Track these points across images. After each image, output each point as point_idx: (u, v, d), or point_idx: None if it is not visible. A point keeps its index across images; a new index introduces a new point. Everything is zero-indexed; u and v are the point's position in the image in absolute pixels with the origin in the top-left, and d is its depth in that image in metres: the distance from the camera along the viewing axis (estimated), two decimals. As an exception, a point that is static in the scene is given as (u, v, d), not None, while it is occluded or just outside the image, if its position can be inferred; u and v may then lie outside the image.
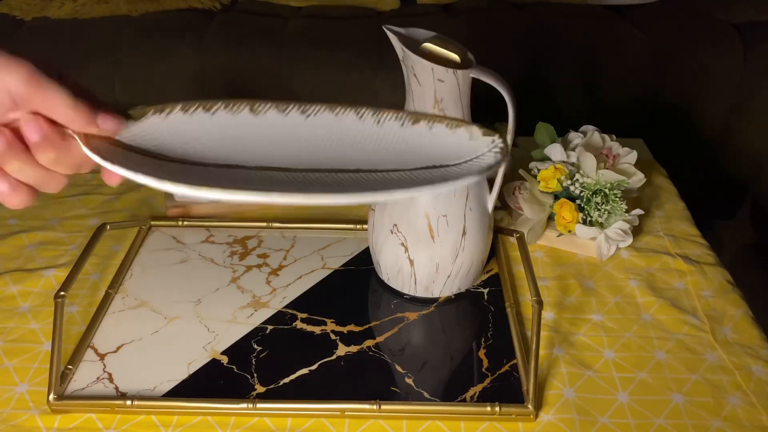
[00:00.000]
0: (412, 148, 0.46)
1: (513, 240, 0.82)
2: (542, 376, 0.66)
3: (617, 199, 0.81)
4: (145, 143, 0.44)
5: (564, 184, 0.82)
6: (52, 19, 1.56)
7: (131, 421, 0.61)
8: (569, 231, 0.82)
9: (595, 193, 0.81)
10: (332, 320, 0.72)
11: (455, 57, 0.63)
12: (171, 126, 0.45)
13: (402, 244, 0.71)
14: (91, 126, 0.42)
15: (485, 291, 0.77)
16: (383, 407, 0.61)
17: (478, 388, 0.64)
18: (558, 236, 0.84)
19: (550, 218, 0.84)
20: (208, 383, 0.65)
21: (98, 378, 0.65)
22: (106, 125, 0.42)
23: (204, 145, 0.44)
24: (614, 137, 0.89)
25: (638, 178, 0.86)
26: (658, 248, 0.84)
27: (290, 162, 0.43)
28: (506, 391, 0.64)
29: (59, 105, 0.40)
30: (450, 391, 0.64)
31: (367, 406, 0.61)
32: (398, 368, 0.66)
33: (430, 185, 0.40)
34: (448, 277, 0.73)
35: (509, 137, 0.69)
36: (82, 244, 0.82)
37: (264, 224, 0.86)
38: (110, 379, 0.65)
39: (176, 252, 0.82)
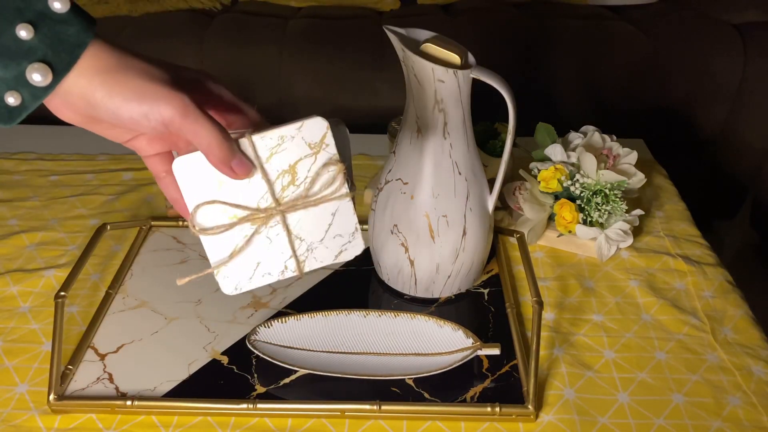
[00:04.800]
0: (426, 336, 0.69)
1: (513, 240, 0.82)
2: (542, 377, 0.66)
3: (617, 199, 0.81)
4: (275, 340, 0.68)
5: (564, 185, 0.82)
6: (52, 20, 1.56)
7: (131, 422, 0.61)
8: (569, 231, 0.82)
9: (595, 193, 0.81)
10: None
11: (455, 57, 0.63)
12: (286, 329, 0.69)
13: (402, 244, 0.71)
14: (227, 166, 0.47)
15: (485, 291, 0.77)
16: (383, 407, 0.61)
17: (479, 388, 0.64)
18: (558, 236, 0.84)
19: (551, 218, 0.84)
20: (208, 383, 0.65)
21: (98, 378, 0.65)
22: (239, 169, 0.47)
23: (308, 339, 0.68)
24: (614, 137, 0.89)
25: (638, 179, 0.86)
26: (659, 248, 0.84)
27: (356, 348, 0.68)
28: (506, 392, 0.64)
29: (205, 138, 0.45)
30: (450, 392, 0.64)
31: (367, 407, 0.61)
32: (398, 368, 0.66)
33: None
34: (449, 277, 0.73)
35: (509, 137, 0.69)
36: (82, 244, 0.82)
37: (264, 224, 0.86)
38: (110, 380, 0.65)
39: (176, 252, 0.82)
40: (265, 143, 0.48)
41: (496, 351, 0.66)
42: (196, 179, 0.49)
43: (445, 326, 0.68)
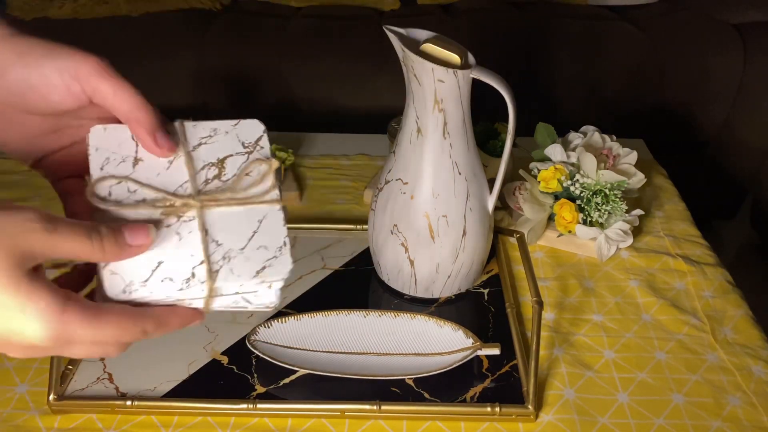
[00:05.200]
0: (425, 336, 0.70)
1: (513, 240, 0.82)
2: (542, 377, 0.66)
3: (617, 199, 0.81)
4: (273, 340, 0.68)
5: (564, 185, 0.82)
6: (52, 20, 1.56)
7: (131, 422, 0.61)
8: (569, 231, 0.82)
9: (595, 193, 0.81)
10: (332, 320, 0.72)
11: (455, 57, 0.63)
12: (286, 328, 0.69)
13: (402, 244, 0.71)
14: (152, 135, 0.41)
15: (485, 291, 0.77)
16: (383, 407, 0.61)
17: (479, 388, 0.64)
18: (558, 236, 0.84)
19: (551, 218, 0.84)
20: (208, 383, 0.65)
21: (98, 378, 0.65)
22: (163, 142, 0.41)
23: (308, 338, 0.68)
24: (614, 137, 0.89)
25: (638, 179, 0.86)
26: (659, 248, 0.84)
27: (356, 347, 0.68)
28: (506, 392, 0.64)
29: (128, 102, 0.39)
30: (450, 392, 0.64)
31: (367, 407, 0.61)
32: (398, 368, 0.66)
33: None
34: (449, 277, 0.73)
35: (509, 137, 0.69)
36: (82, 244, 0.82)
37: (264, 224, 0.86)
38: (110, 380, 0.65)
39: (176, 252, 0.82)
40: (196, 131, 0.44)
41: (496, 351, 0.66)
42: (111, 151, 0.42)
43: (445, 326, 0.68)
